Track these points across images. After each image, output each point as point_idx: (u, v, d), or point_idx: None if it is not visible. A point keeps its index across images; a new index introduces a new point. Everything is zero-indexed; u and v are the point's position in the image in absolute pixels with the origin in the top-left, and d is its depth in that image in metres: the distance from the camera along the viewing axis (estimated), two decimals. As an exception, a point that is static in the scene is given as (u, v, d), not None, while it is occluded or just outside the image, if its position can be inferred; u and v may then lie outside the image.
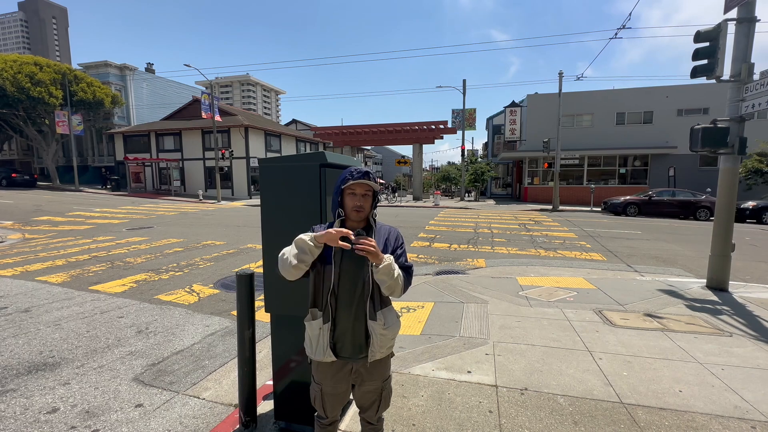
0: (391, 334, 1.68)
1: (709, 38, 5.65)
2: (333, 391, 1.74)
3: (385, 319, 1.67)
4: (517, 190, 30.98)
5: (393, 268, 1.54)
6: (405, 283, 1.64)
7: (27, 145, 36.40)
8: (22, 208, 16.15)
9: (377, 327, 1.63)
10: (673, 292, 5.53)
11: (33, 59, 27.80)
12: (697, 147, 5.72)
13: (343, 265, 1.63)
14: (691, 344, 3.72)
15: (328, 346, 1.64)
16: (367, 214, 1.66)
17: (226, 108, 32.18)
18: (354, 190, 1.63)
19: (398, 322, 1.75)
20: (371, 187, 1.64)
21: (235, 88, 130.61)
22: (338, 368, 1.70)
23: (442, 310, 4.70)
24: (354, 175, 1.61)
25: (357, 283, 1.64)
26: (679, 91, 24.29)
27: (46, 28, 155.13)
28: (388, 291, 1.59)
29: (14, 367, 3.30)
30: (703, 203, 16.97)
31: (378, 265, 1.51)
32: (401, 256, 1.70)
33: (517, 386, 2.94)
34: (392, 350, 1.80)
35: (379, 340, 1.64)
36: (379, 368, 1.74)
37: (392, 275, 1.54)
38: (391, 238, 1.73)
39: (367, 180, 1.61)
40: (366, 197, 1.64)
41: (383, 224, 1.78)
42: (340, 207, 1.67)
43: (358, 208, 1.63)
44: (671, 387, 2.93)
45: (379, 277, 1.53)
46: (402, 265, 1.66)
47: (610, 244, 9.80)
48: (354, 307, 1.64)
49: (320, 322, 1.65)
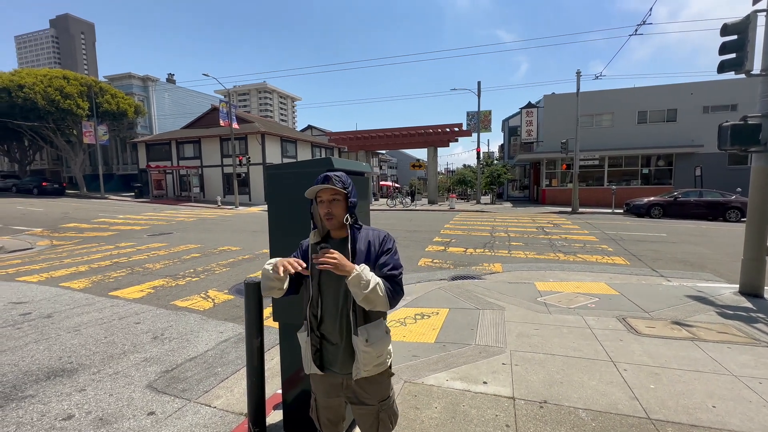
0: (374, 352, 1.54)
1: (737, 31, 5.38)
2: (325, 403, 1.69)
3: (369, 334, 1.53)
4: (534, 193, 30.39)
5: (363, 278, 1.40)
6: (392, 294, 1.49)
7: (57, 155, 38.01)
8: (51, 216, 16.81)
9: (359, 343, 1.52)
10: (703, 298, 5.24)
11: (62, 73, 29.07)
12: (726, 145, 5.44)
13: (323, 278, 1.57)
14: (725, 355, 3.49)
15: (311, 360, 1.59)
16: (340, 221, 1.56)
17: (243, 115, 32.86)
18: (321, 196, 1.54)
19: (386, 339, 1.60)
20: (338, 191, 1.52)
21: (253, 95, 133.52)
22: (328, 381, 1.64)
23: (457, 317, 4.58)
24: (318, 180, 1.54)
25: (338, 297, 1.57)
26: (704, 88, 23.39)
27: (75, 43, 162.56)
28: (365, 304, 1.44)
29: (34, 372, 3.37)
30: (734, 204, 16.18)
31: (347, 277, 1.41)
32: (385, 264, 1.54)
33: (535, 399, 2.81)
34: (386, 368, 1.64)
35: (362, 357, 1.52)
36: (372, 387, 1.62)
37: (364, 286, 1.39)
38: (375, 242, 1.58)
39: (331, 184, 1.51)
40: (334, 203, 1.53)
41: (370, 228, 1.66)
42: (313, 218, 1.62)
43: (328, 215, 1.54)
44: (703, 402, 2.74)
45: (351, 290, 1.43)
46: (384, 274, 1.51)
47: (634, 248, 9.44)
48: (339, 320, 1.57)
49: (305, 335, 1.62)
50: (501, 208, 23.78)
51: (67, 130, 29.93)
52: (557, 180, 26.08)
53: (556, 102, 25.84)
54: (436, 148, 29.75)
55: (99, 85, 31.10)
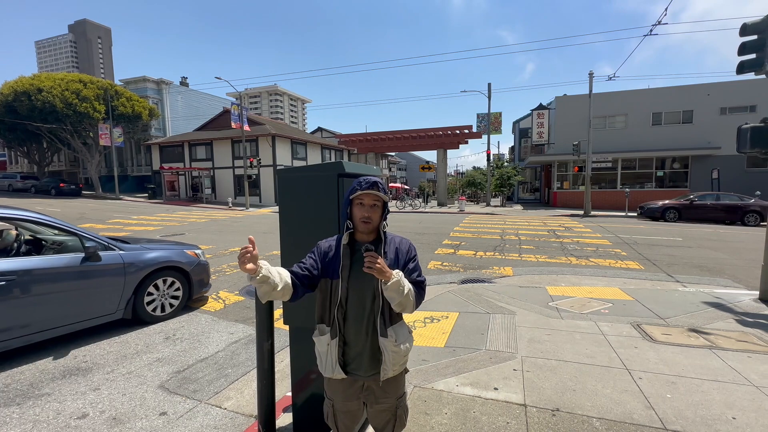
0: (403, 351, 1.61)
1: (757, 31, 5.26)
2: (344, 408, 1.70)
3: (397, 335, 1.59)
4: (545, 195, 30.03)
5: (402, 284, 1.46)
6: (417, 299, 1.57)
7: (74, 156, 38.94)
8: (68, 216, 17.19)
9: (389, 344, 1.56)
10: (721, 305, 5.10)
11: (78, 77, 29.79)
12: (746, 148, 5.30)
13: (351, 281, 1.58)
14: (745, 364, 3.39)
15: (336, 363, 1.59)
16: (376, 226, 1.59)
17: (254, 117, 33.20)
18: (362, 200, 1.57)
19: (411, 338, 1.67)
20: (380, 198, 1.57)
21: (264, 98, 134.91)
22: (349, 385, 1.65)
23: (467, 321, 4.54)
24: (362, 185, 1.55)
25: (366, 299, 1.58)
26: (721, 88, 22.82)
27: (92, 47, 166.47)
28: (398, 308, 1.52)
29: (50, 371, 3.43)
30: (753, 207, 15.73)
31: (386, 282, 1.44)
32: (414, 270, 1.61)
33: (548, 406, 2.76)
34: (406, 366, 1.71)
35: (391, 357, 1.57)
36: (392, 385, 1.67)
37: (402, 292, 1.46)
38: (403, 249, 1.65)
39: (376, 191, 1.54)
40: (374, 208, 1.57)
41: (395, 235, 1.70)
42: (349, 218, 1.61)
43: (366, 219, 1.56)
44: (723, 413, 2.65)
45: (388, 294, 1.47)
46: (413, 280, 1.59)
47: (648, 252, 9.24)
48: (364, 323, 1.59)
49: (328, 338, 1.61)
50: (511, 210, 23.55)
51: (84, 132, 30.62)
52: (569, 182, 25.72)
53: (568, 103, 25.51)
54: (446, 150, 29.62)
55: (115, 88, 31.78)
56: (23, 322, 3.52)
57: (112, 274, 4.21)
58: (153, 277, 4.64)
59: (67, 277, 3.87)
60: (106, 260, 4.17)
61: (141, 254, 4.61)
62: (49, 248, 4.32)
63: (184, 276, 5.01)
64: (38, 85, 27.02)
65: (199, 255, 5.36)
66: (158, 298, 4.74)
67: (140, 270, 4.48)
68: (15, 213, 3.89)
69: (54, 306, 3.75)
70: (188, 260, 5.10)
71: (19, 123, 28.19)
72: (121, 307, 4.31)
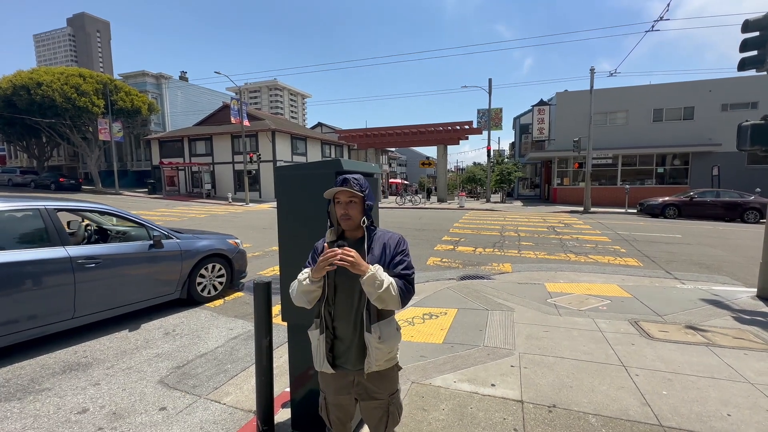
0: (386, 348, 1.61)
1: (759, 27, 5.23)
2: (335, 401, 1.73)
3: (381, 332, 1.59)
4: (545, 191, 30.02)
5: (377, 278, 1.45)
6: (403, 294, 1.54)
7: (73, 151, 38.89)
8: (67, 211, 17.18)
9: (372, 340, 1.57)
10: (719, 302, 5.12)
11: (78, 71, 29.64)
12: (746, 146, 5.29)
13: (337, 277, 1.60)
14: (741, 362, 3.41)
15: (324, 357, 1.63)
16: (357, 222, 1.61)
17: (254, 113, 33.09)
18: (339, 198, 1.60)
19: (397, 336, 1.68)
20: (355, 194, 1.59)
21: (263, 93, 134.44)
22: (339, 379, 1.68)
23: (465, 318, 4.56)
24: (337, 183, 1.59)
25: (353, 295, 1.61)
26: (722, 85, 22.75)
27: (91, 41, 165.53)
28: (379, 303, 1.49)
29: (51, 366, 3.46)
30: (753, 204, 15.74)
31: (362, 277, 1.45)
32: (399, 263, 1.60)
33: (544, 403, 2.78)
34: (396, 363, 1.72)
35: (375, 353, 1.58)
36: (383, 381, 1.68)
37: (378, 286, 1.45)
38: (391, 244, 1.65)
39: (348, 187, 1.56)
40: (352, 204, 1.60)
41: (386, 231, 1.71)
42: (329, 217, 1.66)
43: (345, 216, 1.59)
44: (718, 410, 2.68)
45: (365, 289, 1.47)
46: (398, 273, 1.57)
47: (647, 249, 9.26)
48: (353, 318, 1.62)
49: (318, 333, 1.64)
50: (511, 206, 23.55)
51: (84, 126, 30.56)
52: (569, 179, 25.70)
53: (568, 99, 25.43)
54: (446, 146, 29.57)
55: (114, 82, 31.66)
56: (107, 300, 4.12)
57: (172, 260, 4.77)
58: (203, 262, 5.17)
59: (139, 261, 4.46)
60: (167, 247, 4.72)
61: (194, 242, 5.13)
62: (114, 237, 4.95)
63: (227, 262, 5.54)
64: (37, 80, 26.91)
65: (238, 243, 5.88)
66: (206, 281, 5.28)
67: (193, 256, 5.02)
68: (89, 206, 4.43)
69: (131, 286, 4.36)
70: (230, 248, 5.61)
71: (18, 117, 28.11)
72: (178, 288, 4.88)
